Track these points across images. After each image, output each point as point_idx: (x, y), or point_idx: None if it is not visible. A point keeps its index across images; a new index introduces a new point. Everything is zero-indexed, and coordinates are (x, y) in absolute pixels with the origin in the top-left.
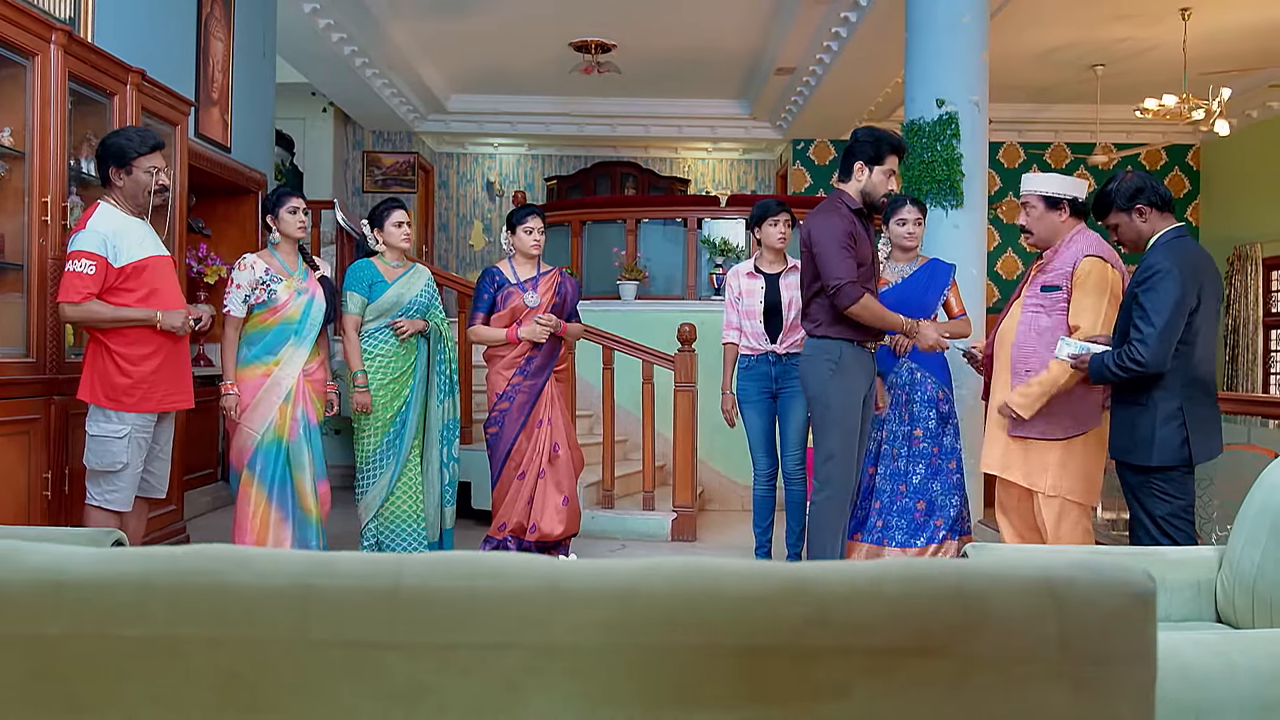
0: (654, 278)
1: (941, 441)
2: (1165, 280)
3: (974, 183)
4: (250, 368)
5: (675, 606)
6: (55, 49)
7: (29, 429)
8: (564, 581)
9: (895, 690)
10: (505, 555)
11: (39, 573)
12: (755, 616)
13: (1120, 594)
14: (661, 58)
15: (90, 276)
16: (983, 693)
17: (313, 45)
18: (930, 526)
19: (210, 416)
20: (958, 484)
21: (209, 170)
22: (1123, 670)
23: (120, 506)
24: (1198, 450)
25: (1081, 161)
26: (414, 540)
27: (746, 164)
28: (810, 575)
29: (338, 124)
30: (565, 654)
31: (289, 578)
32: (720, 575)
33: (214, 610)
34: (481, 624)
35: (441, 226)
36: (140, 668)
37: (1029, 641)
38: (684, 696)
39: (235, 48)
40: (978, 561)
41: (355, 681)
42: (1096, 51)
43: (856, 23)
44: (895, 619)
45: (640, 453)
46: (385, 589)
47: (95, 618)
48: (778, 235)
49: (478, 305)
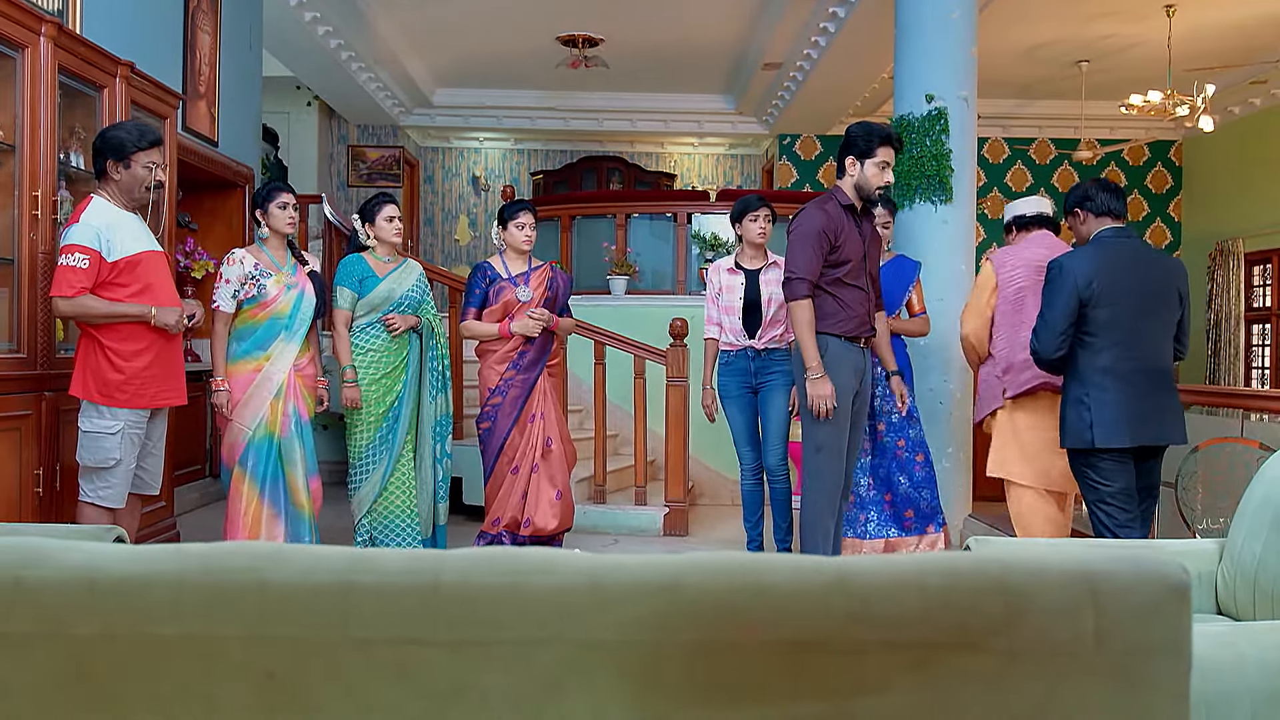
0: (644, 273)
1: (906, 434)
2: (1056, 278)
3: (963, 178)
4: (241, 363)
5: (718, 602)
6: (45, 41)
7: (19, 425)
8: (606, 577)
9: (936, 684)
10: (547, 551)
11: (71, 571)
12: (798, 611)
13: (1156, 586)
14: (648, 52)
15: (83, 270)
16: (1022, 686)
17: (298, 38)
18: (900, 518)
19: (198, 412)
20: (927, 477)
21: (196, 164)
22: (1159, 662)
23: (113, 503)
24: (1099, 433)
25: (1066, 157)
26: (407, 536)
27: (733, 159)
28: (853, 569)
29: (322, 118)
30: (607, 650)
31: (329, 574)
32: (763, 569)
33: (252, 608)
34: (524, 620)
35: (427, 221)
36: (176, 667)
37: (1067, 634)
38: (727, 692)
39: (222, 41)
40: (1019, 555)
41: (396, 679)
42: (1082, 47)
43: (844, 18)
44: (937, 613)
45: (632, 448)
46: (426, 585)
47: (130, 617)
48: (757, 231)
49: (470, 300)
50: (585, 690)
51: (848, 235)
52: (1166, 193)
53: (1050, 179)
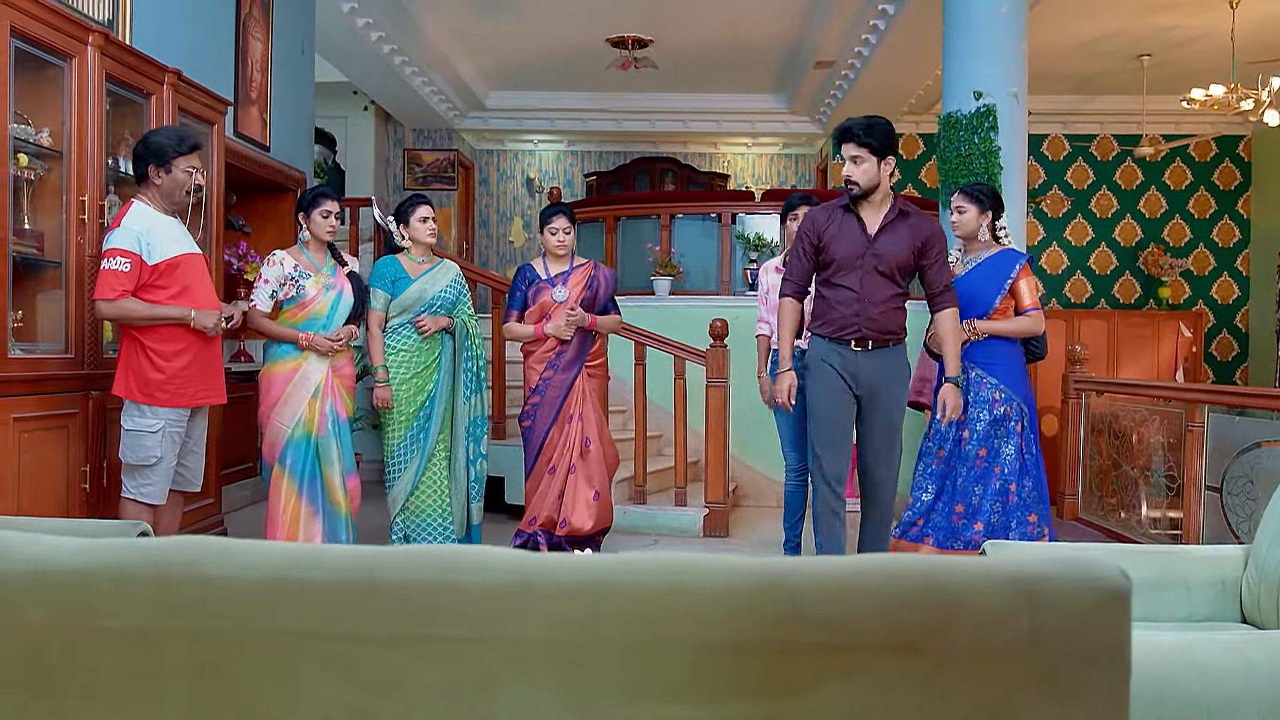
0: (688, 273)
1: (991, 445)
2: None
3: (1012, 176)
4: (279, 363)
5: (649, 602)
6: (92, 50)
7: (68, 423)
8: (537, 576)
9: (868, 686)
10: (481, 549)
11: (24, 563)
12: (728, 611)
13: (1094, 590)
14: (699, 52)
15: (125, 274)
16: (956, 689)
17: (351, 44)
18: (970, 531)
19: (249, 410)
20: (1000, 491)
21: (248, 169)
22: (1096, 668)
23: (155, 499)
24: None
25: (1128, 154)
26: (440, 534)
27: (786, 159)
28: (784, 570)
29: (379, 122)
30: (541, 648)
31: (269, 570)
32: (694, 571)
33: (193, 602)
34: (456, 617)
35: (482, 223)
36: (120, 659)
37: (1001, 638)
38: (658, 690)
39: (274, 48)
40: (955, 557)
41: (330, 673)
42: (1142, 40)
43: (894, 15)
44: (868, 615)
45: (673, 448)
46: (361, 582)
47: (75, 608)
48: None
49: (511, 303)
50: (518, 686)
51: (836, 235)
52: (1235, 189)
53: (1112, 176)
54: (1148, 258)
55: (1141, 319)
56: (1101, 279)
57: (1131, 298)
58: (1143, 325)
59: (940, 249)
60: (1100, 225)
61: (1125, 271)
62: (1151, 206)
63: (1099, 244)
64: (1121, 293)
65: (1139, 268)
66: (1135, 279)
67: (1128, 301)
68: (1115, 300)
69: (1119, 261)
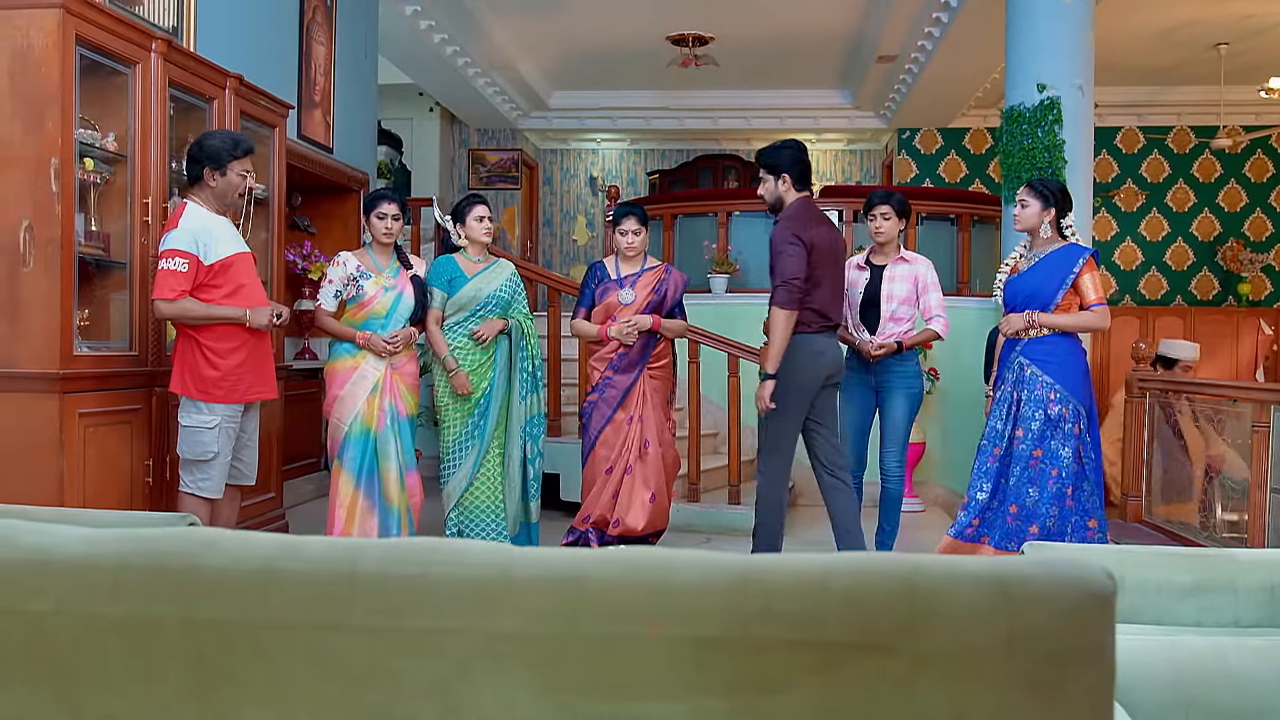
0: (746, 270)
1: (1046, 445)
2: None
3: (1076, 170)
4: (339, 360)
5: (624, 597)
6: (155, 57)
7: (131, 419)
8: (515, 569)
9: (842, 685)
10: (461, 542)
11: (31, 551)
12: (701, 608)
13: (1075, 592)
14: (760, 48)
15: (183, 274)
16: (931, 690)
17: (415, 46)
18: (1025, 533)
19: (313, 405)
20: (1057, 494)
21: (312, 170)
22: (1078, 671)
23: (212, 494)
24: None
25: (1205, 145)
26: (493, 531)
27: (851, 154)
28: (758, 568)
29: (444, 123)
30: (517, 640)
31: (256, 560)
32: (668, 566)
33: (186, 591)
34: (434, 609)
35: (545, 222)
36: (119, 645)
37: (979, 638)
38: (632, 686)
39: (337, 51)
40: (932, 556)
41: (314, 662)
42: (1218, 29)
43: (957, 7)
44: (842, 613)
45: (727, 446)
46: (343, 573)
47: (79, 596)
48: (873, 229)
49: (580, 300)
50: (494, 678)
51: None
52: None
53: (1189, 169)
54: (1226, 253)
55: (1220, 316)
56: (1178, 275)
57: (1209, 294)
58: (1221, 323)
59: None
60: (1177, 220)
61: (1203, 267)
62: (1231, 200)
63: (1175, 239)
64: (1199, 289)
65: (1217, 263)
66: (1214, 275)
67: (1205, 298)
68: (1192, 297)
69: (1196, 257)
